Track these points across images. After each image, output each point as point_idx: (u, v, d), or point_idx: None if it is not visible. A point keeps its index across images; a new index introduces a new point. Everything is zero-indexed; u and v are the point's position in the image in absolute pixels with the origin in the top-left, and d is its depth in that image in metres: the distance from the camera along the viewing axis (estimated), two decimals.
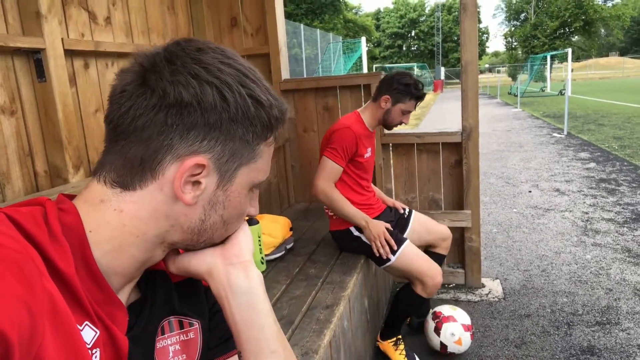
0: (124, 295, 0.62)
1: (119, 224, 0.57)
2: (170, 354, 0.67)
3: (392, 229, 2.32)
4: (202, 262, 0.66)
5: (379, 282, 2.71)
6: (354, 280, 2.07)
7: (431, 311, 2.45)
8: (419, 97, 2.34)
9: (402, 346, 2.36)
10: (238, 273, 0.65)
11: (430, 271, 2.22)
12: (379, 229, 2.22)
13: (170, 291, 0.69)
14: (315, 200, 2.49)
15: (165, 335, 0.67)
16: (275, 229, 2.37)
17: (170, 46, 0.59)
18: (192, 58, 0.57)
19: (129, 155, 0.57)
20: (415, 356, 2.37)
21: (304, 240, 2.61)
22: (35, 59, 1.82)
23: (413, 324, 2.62)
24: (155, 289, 0.67)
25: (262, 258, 2.14)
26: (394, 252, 2.22)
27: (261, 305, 0.66)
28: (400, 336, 2.39)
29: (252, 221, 2.06)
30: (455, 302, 2.94)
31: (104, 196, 0.58)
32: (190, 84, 0.55)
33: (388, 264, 2.25)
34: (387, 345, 2.37)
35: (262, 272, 2.11)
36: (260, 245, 2.12)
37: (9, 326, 0.38)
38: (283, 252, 2.36)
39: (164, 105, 0.55)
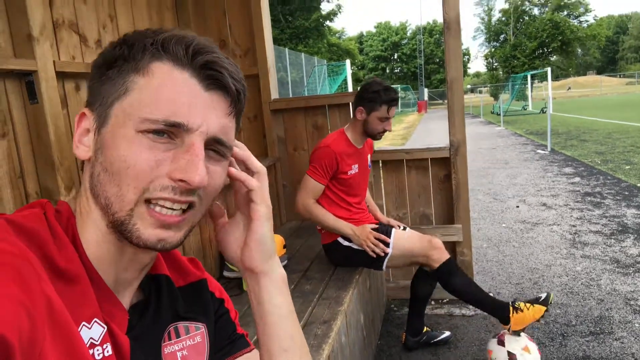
0: (126, 299, 0.62)
1: (89, 210, 0.58)
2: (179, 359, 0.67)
3: (377, 226, 2.39)
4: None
5: (373, 298, 2.70)
6: (350, 295, 2.07)
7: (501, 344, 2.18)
8: (390, 100, 2.30)
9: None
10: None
11: (429, 240, 2.31)
12: (366, 231, 2.30)
13: (175, 296, 0.69)
14: (300, 217, 2.55)
15: (172, 341, 0.67)
16: None
17: None
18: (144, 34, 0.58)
19: None
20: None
21: (298, 258, 2.60)
22: (27, 81, 1.82)
23: (409, 343, 2.59)
24: (159, 293, 0.67)
25: None
26: (387, 245, 2.30)
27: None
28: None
29: None
30: (450, 316, 2.94)
31: (83, 185, 0.59)
32: (115, 47, 0.57)
33: (387, 257, 2.31)
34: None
35: None
36: None
37: (9, 330, 0.37)
38: None
39: (95, 75, 0.59)
